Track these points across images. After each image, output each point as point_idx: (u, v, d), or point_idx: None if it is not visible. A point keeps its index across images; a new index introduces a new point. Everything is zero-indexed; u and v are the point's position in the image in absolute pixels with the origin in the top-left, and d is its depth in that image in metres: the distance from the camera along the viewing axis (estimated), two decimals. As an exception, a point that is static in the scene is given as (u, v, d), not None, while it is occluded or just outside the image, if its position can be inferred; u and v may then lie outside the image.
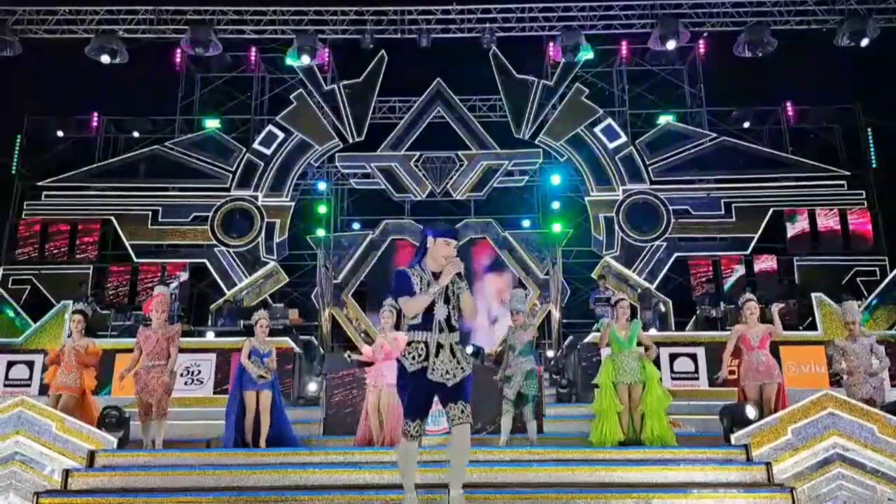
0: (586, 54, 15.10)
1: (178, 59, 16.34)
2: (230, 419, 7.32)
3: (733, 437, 6.03)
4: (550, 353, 13.68)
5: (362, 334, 15.36)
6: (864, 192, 15.55)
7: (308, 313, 14.54)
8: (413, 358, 4.20)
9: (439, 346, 4.21)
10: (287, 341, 10.58)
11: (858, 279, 14.58)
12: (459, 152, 16.04)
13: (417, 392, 4.21)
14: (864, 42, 13.49)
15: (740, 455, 5.77)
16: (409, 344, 4.25)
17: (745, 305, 7.59)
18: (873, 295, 12.04)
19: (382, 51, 15.73)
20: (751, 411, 6.48)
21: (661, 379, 7.43)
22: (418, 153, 16.10)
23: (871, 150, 16.33)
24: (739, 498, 5.06)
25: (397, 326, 7.62)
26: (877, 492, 5.42)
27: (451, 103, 16.22)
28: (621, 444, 6.91)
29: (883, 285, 12.17)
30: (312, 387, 10.31)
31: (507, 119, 15.86)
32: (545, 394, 8.95)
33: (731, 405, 6.98)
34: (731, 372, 8.58)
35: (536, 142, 15.71)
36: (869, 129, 16.52)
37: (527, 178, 16.52)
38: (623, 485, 5.31)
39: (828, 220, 15.31)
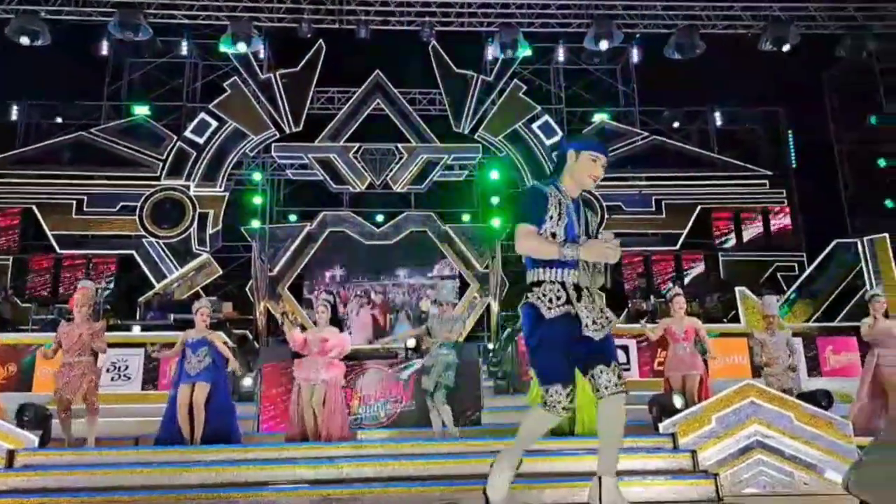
0: (524, 51, 15.27)
1: (105, 43, 15.74)
2: (166, 415, 7.12)
3: (661, 426, 6.23)
4: (490, 346, 13.83)
5: (298, 328, 15.18)
6: (784, 191, 16.30)
7: (243, 307, 14.28)
8: (550, 301, 3.26)
9: (578, 290, 3.33)
10: (221, 335, 10.34)
11: (779, 274, 15.27)
12: (399, 145, 16.02)
13: (561, 345, 3.26)
14: (786, 48, 14.07)
15: (668, 443, 5.97)
16: (536, 285, 3.32)
17: (673, 300, 7.86)
18: (792, 289, 12.60)
19: (321, 40, 15.53)
20: (677, 400, 6.70)
21: None
22: (357, 145, 15.99)
23: (792, 151, 17.14)
24: (667, 485, 5.22)
25: (335, 322, 7.54)
26: (794, 477, 5.70)
27: (390, 96, 16.16)
28: (553, 433, 7.03)
29: (801, 280, 12.75)
30: (247, 382, 10.13)
31: (446, 113, 15.92)
32: (483, 386, 9.04)
33: (660, 395, 7.21)
34: (660, 363, 8.87)
35: (476, 136, 15.82)
36: (790, 132, 17.33)
37: (467, 172, 16.63)
38: (557, 474, 5.42)
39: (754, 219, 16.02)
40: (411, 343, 7.69)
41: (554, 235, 3.30)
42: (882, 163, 16.22)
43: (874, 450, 3.18)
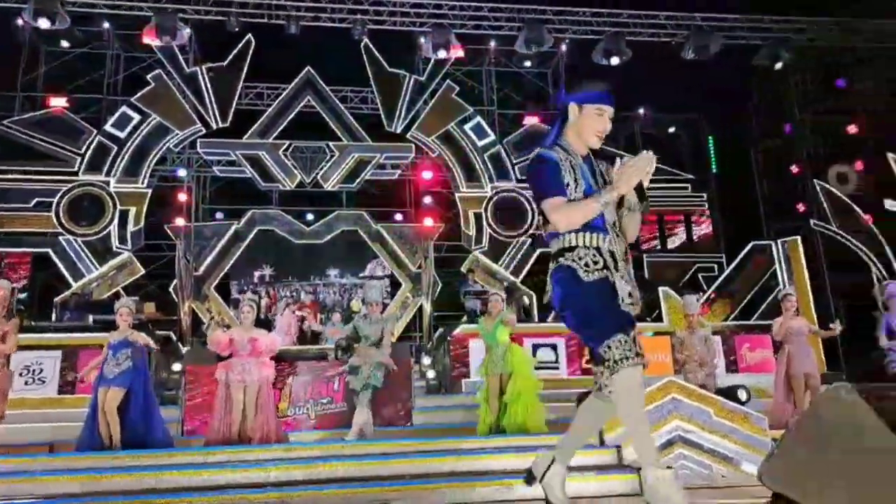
0: (456, 52, 15.34)
1: (19, 30, 14.96)
2: (87, 419, 6.83)
3: (588, 423, 6.37)
4: (423, 345, 13.82)
5: (224, 329, 14.80)
6: (705, 195, 16.92)
7: (166, 307, 13.83)
8: (587, 265, 2.93)
9: (614, 257, 3.00)
10: (143, 336, 9.99)
11: (700, 275, 15.84)
12: (330, 143, 15.84)
13: (606, 301, 2.90)
14: (707, 56, 14.60)
15: (594, 439, 6.11)
16: (568, 250, 2.98)
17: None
18: (711, 289, 13.10)
19: (249, 35, 15.19)
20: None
21: (534, 367, 7.70)
22: (287, 142, 15.73)
23: (712, 157, 17.85)
24: (592, 480, 5.33)
25: (261, 323, 7.41)
26: (713, 470, 5.91)
27: (321, 93, 15.97)
28: (492, 431, 7.17)
29: (720, 280, 13.27)
30: (170, 385, 9.83)
31: (379, 112, 15.83)
32: (415, 385, 9.04)
33: (587, 392, 7.36)
34: (588, 360, 9.05)
35: (409, 136, 15.80)
36: (710, 138, 18.04)
37: (399, 171, 16.59)
38: (488, 472, 5.46)
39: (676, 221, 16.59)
40: (342, 344, 7.61)
41: None
42: (795, 169, 17.04)
43: (784, 442, 3.33)
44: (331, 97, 16.04)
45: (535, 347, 10.86)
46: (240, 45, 15.24)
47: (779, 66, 15.47)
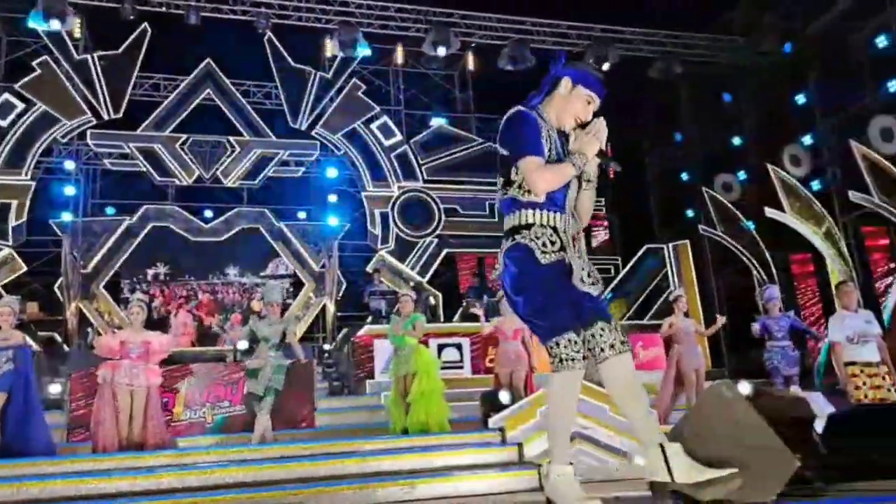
0: (363, 51, 15.24)
1: None
2: None
3: (490, 421, 6.49)
4: (327, 346, 13.65)
5: (115, 330, 14.10)
6: (602, 199, 17.57)
7: (50, 306, 13.03)
8: (544, 245, 2.77)
9: (572, 239, 2.88)
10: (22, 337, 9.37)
11: (598, 276, 16.41)
12: (231, 138, 15.38)
13: (561, 290, 2.75)
14: (606, 66, 15.15)
15: (496, 438, 6.23)
16: (526, 227, 2.82)
17: (502, 299, 8.20)
18: (608, 290, 13.62)
19: (145, 23, 14.50)
20: (504, 396, 7.02)
21: (437, 368, 7.73)
22: (185, 136, 15.15)
23: (610, 162, 18.49)
24: (495, 477, 5.43)
25: (153, 324, 7.09)
26: (609, 464, 6.16)
27: (222, 86, 15.48)
28: (403, 432, 7.18)
29: (616, 281, 13.82)
30: (55, 388, 9.25)
31: (283, 108, 15.49)
32: (318, 387, 8.92)
33: (490, 391, 7.50)
34: (491, 360, 9.21)
35: (313, 133, 15.55)
36: (609, 144, 18.67)
37: (303, 169, 16.31)
38: (391, 473, 5.46)
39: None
40: (242, 345, 7.39)
41: None
42: (685, 176, 17.96)
43: (672, 436, 3.50)
44: (232, 91, 15.58)
45: (441, 347, 10.94)
46: (135, 34, 14.53)
47: (671, 78, 16.24)
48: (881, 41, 13.06)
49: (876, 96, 13.25)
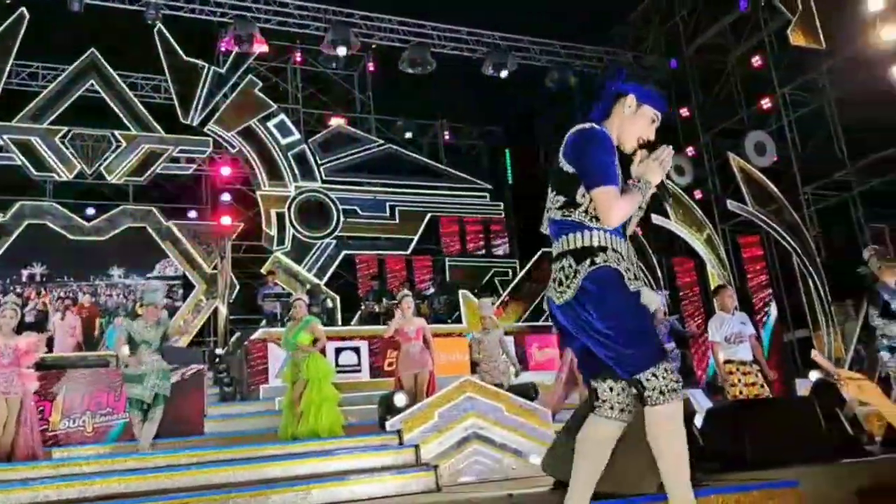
0: (260, 47, 14.85)
1: None
2: None
3: (388, 424, 6.46)
4: (219, 351, 13.16)
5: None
6: (502, 203, 17.93)
7: None
8: (627, 269, 2.60)
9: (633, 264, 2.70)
10: None
11: (496, 279, 16.74)
12: (117, 132, 14.61)
13: (649, 318, 2.63)
14: (504, 73, 15.47)
15: (394, 440, 6.21)
16: (602, 249, 2.58)
17: (402, 300, 8.20)
18: (506, 292, 13.89)
19: (23, 8, 13.52)
20: (400, 399, 7.02)
21: (332, 377, 7.59)
22: (66, 128, 14.27)
23: (509, 168, 19.00)
24: (391, 480, 5.42)
25: (28, 328, 6.62)
26: (503, 463, 6.26)
27: (107, 77, 14.68)
28: (294, 437, 6.99)
29: (513, 284, 14.11)
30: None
31: (173, 102, 14.85)
32: (208, 393, 8.60)
33: (387, 394, 7.48)
34: (390, 363, 9.17)
35: (206, 130, 14.99)
36: (507, 150, 19.17)
37: (194, 166, 15.70)
38: (285, 479, 5.34)
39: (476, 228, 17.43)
40: (125, 351, 7.00)
41: None
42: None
43: (563, 433, 3.62)
44: (118, 82, 14.81)
45: (338, 351, 10.81)
46: (11, 19, 13.51)
47: (566, 88, 16.77)
48: (756, 60, 14.02)
49: (751, 112, 14.21)
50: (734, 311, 7.30)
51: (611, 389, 2.59)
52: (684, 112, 15.64)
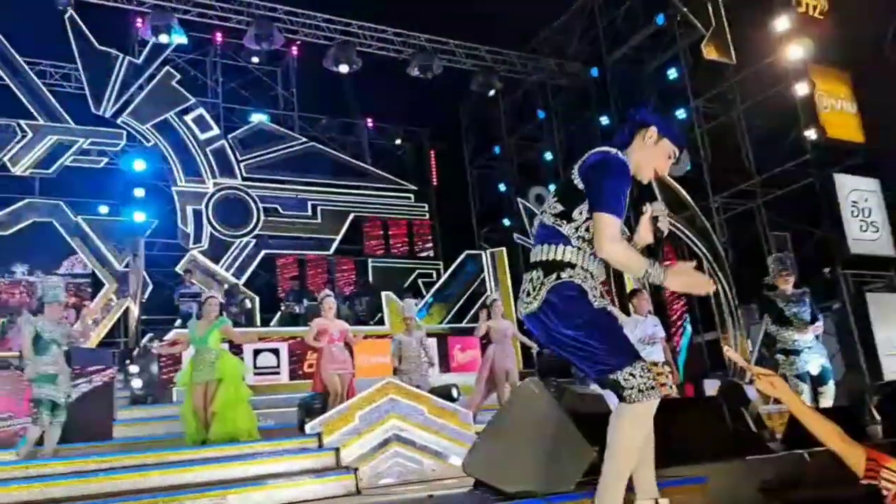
0: (178, 38, 14.35)
1: None
2: None
3: (308, 427, 6.37)
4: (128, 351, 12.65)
5: None
6: (426, 205, 17.98)
7: None
8: (593, 288, 2.75)
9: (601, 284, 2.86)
10: None
11: (420, 280, 16.76)
12: (22, 121, 13.80)
13: (618, 325, 2.80)
14: (430, 75, 15.53)
15: (313, 443, 6.13)
16: (570, 266, 2.69)
17: (324, 301, 8.11)
18: (430, 294, 13.92)
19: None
20: (318, 401, 6.95)
21: (243, 375, 7.40)
22: (-35, 117, 13.40)
23: (433, 169, 19.08)
24: (310, 484, 5.34)
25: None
26: (424, 465, 6.28)
27: (12, 63, 13.84)
28: (204, 443, 6.72)
29: (437, 286, 14.17)
30: None
31: (84, 92, 14.17)
32: (118, 396, 8.27)
33: (307, 396, 7.38)
34: (310, 365, 9.04)
35: (119, 122, 14.37)
36: (432, 152, 19.25)
37: (106, 159, 15.03)
38: (199, 484, 5.19)
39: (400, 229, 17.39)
40: (30, 350, 6.63)
41: None
42: (502, 187, 18.86)
43: (484, 434, 3.66)
44: (24, 70, 13.99)
45: (256, 353, 10.60)
46: None
47: (491, 92, 17.00)
48: (671, 73, 14.58)
49: (667, 122, 14.74)
50: (647, 315, 7.57)
51: (632, 375, 2.62)
52: (604, 120, 16.11)
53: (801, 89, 11.83)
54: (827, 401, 6.49)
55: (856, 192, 11.82)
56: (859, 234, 11.61)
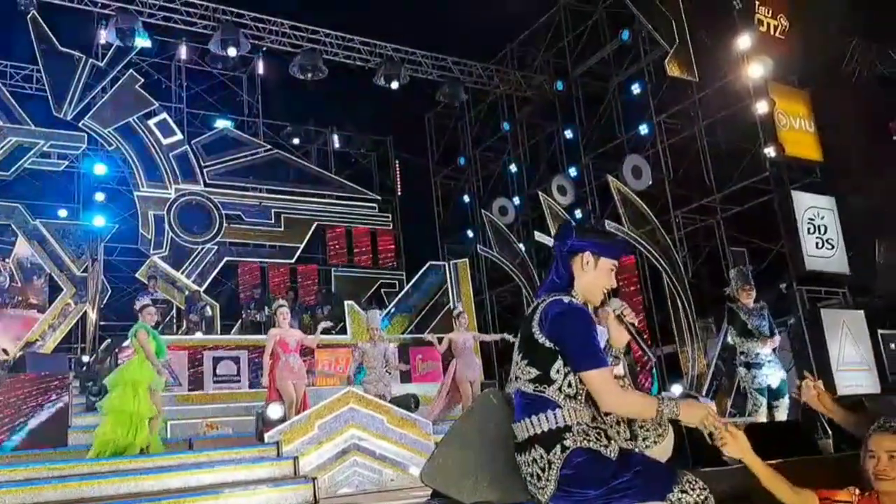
0: (143, 41, 14.15)
1: None
2: None
3: (266, 436, 6.32)
4: (86, 358, 12.37)
5: None
6: (390, 215, 17.99)
7: None
8: (598, 438, 2.64)
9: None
10: None
11: (382, 290, 16.73)
12: (-20, 123, 13.50)
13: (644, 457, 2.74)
14: (395, 85, 15.57)
15: (272, 452, 6.08)
16: (568, 429, 2.61)
17: (277, 311, 8.04)
18: (392, 304, 13.91)
19: None
20: (275, 410, 6.90)
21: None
22: (-81, 116, 13.04)
23: (398, 179, 19.11)
24: (267, 493, 5.30)
25: None
26: (382, 475, 6.27)
27: (-29, 64, 13.56)
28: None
29: (400, 296, 14.15)
30: None
31: (45, 94, 13.89)
32: (74, 402, 8.09)
33: (264, 406, 7.32)
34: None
35: (81, 125, 14.11)
36: (397, 162, 19.29)
37: (67, 162, 14.75)
38: (155, 493, 5.12)
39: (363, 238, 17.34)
40: None
41: None
42: (466, 198, 18.96)
43: (443, 444, 3.68)
44: (-16, 69, 13.73)
45: (217, 360, 10.48)
46: None
47: (457, 104, 17.11)
48: (635, 88, 14.84)
49: (630, 137, 15.02)
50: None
51: (683, 492, 2.48)
52: (568, 133, 16.31)
53: (761, 107, 12.10)
54: (781, 414, 6.66)
55: (812, 210, 12.10)
56: (815, 250, 11.88)
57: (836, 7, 12.17)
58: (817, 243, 11.98)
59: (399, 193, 19.12)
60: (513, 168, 17.86)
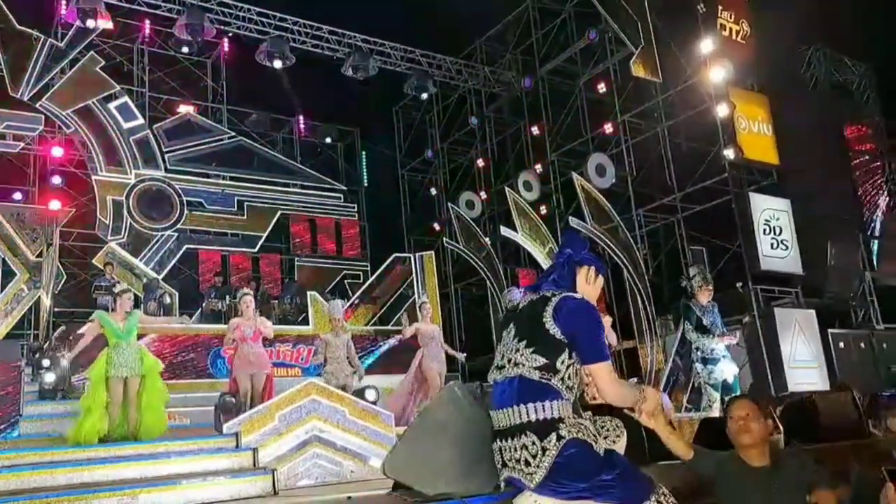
0: (104, 23, 13.79)
1: None
2: None
3: (225, 427, 6.26)
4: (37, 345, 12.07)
5: None
6: (356, 206, 17.90)
7: None
8: (587, 429, 2.78)
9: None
10: None
11: (346, 281, 16.64)
12: (-67, 102, 13.03)
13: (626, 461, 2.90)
14: (363, 76, 15.49)
15: (230, 443, 6.02)
16: (562, 421, 2.70)
17: (241, 299, 7.95)
18: (356, 295, 13.85)
19: None
20: (233, 401, 6.85)
21: (161, 371, 7.21)
22: None
23: (364, 170, 19.03)
24: (225, 484, 5.25)
25: None
26: (343, 467, 6.26)
27: (-79, 39, 13.06)
28: (103, 440, 6.42)
29: (364, 287, 14.11)
30: None
31: (2, 73, 13.45)
32: (25, 390, 7.90)
33: (224, 396, 7.25)
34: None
35: (38, 106, 13.71)
36: (363, 152, 19.20)
37: (22, 144, 14.32)
38: (109, 483, 5.04)
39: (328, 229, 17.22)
40: None
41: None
42: (433, 191, 18.97)
43: (406, 436, 3.70)
44: (-65, 46, 13.22)
45: (176, 350, 10.32)
46: None
47: (425, 96, 17.08)
48: (601, 87, 15.00)
49: (595, 135, 15.18)
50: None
51: (658, 502, 2.70)
52: (535, 130, 16.42)
53: (721, 110, 12.34)
54: (734, 409, 6.81)
55: (768, 211, 12.41)
56: (770, 251, 12.19)
57: (796, 15, 12.47)
58: (772, 244, 12.29)
59: (365, 184, 19.04)
60: (480, 162, 17.92)
